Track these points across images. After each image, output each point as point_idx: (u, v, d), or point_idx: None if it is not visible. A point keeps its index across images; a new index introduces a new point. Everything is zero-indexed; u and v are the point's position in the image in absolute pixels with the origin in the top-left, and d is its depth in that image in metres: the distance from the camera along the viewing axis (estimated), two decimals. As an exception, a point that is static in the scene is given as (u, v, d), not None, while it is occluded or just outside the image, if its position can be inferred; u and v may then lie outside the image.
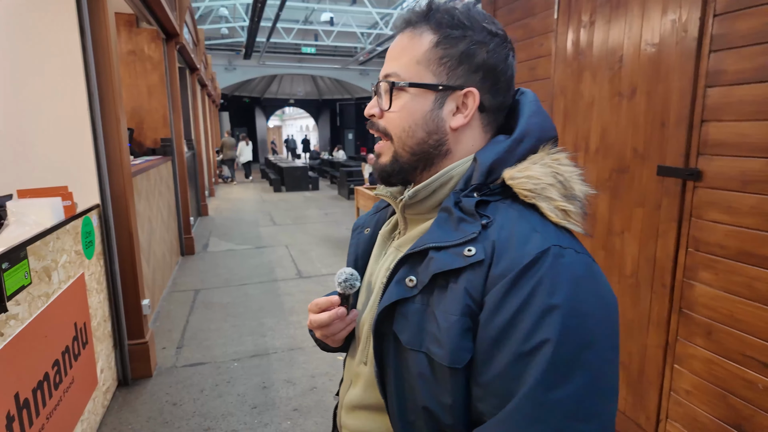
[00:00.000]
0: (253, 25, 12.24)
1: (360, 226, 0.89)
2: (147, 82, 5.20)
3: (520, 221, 0.60)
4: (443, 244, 0.60)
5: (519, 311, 0.54)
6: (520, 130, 0.65)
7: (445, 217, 0.63)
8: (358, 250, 0.85)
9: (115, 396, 2.52)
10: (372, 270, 0.79)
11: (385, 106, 0.68)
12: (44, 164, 2.37)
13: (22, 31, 2.28)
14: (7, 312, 1.44)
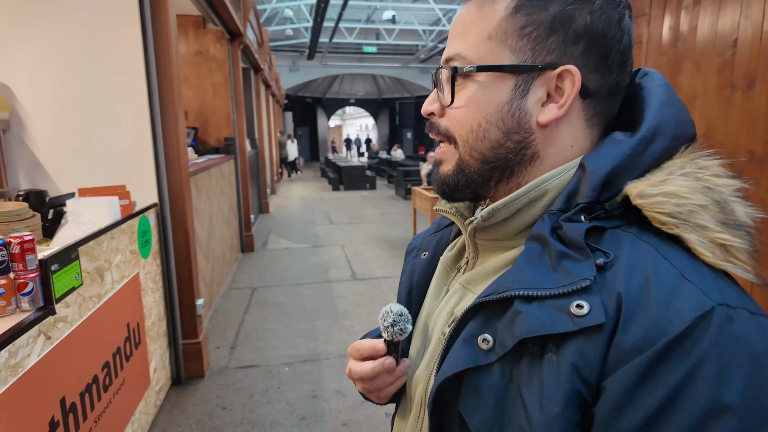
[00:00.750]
0: (316, 26, 12.38)
1: (416, 247, 0.71)
2: (212, 82, 5.33)
3: (658, 262, 0.40)
4: (537, 292, 0.42)
5: (666, 410, 0.35)
6: (649, 125, 0.46)
7: (537, 249, 0.45)
8: (412, 278, 0.67)
9: (168, 395, 2.53)
10: (430, 308, 0.61)
11: (446, 100, 0.51)
12: (106, 163, 2.40)
13: (87, 33, 2.32)
14: (56, 314, 1.41)
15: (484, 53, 0.49)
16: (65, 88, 2.34)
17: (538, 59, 0.47)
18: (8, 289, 1.31)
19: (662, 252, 0.41)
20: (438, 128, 0.53)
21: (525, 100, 0.48)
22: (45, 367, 1.33)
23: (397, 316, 0.55)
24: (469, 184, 0.52)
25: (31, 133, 2.38)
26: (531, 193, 0.49)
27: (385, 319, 0.55)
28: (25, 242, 1.33)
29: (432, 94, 0.54)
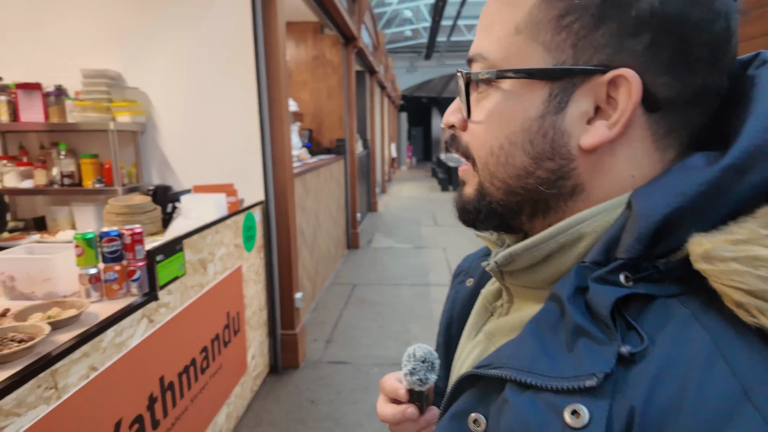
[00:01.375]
0: (434, 25, 12.38)
1: (463, 271, 0.61)
2: (327, 85, 5.59)
3: (711, 366, 0.27)
4: (533, 379, 0.31)
5: None
6: (746, 145, 0.30)
7: (553, 315, 0.34)
8: (454, 308, 0.58)
9: (265, 382, 2.69)
10: (461, 352, 0.52)
11: (465, 112, 0.42)
12: (220, 163, 2.63)
13: (209, 45, 2.55)
14: (158, 300, 1.56)
15: (509, 52, 0.38)
16: (189, 95, 2.61)
17: (581, 60, 0.35)
18: (121, 274, 1.47)
19: (724, 349, 0.27)
20: (459, 144, 0.44)
21: (562, 116, 0.36)
22: (146, 348, 1.47)
23: (418, 363, 0.48)
24: (493, 216, 0.42)
25: (162, 134, 2.69)
26: (561, 236, 0.37)
27: (406, 364, 0.49)
28: (135, 234, 1.49)
29: (456, 101, 0.44)
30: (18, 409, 0.97)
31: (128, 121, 2.55)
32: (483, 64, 0.40)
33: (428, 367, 0.48)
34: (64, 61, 2.63)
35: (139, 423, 1.42)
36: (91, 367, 1.21)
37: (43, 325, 1.15)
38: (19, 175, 2.60)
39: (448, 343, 0.58)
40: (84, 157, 2.57)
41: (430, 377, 0.48)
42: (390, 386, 0.52)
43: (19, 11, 2.68)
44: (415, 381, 0.48)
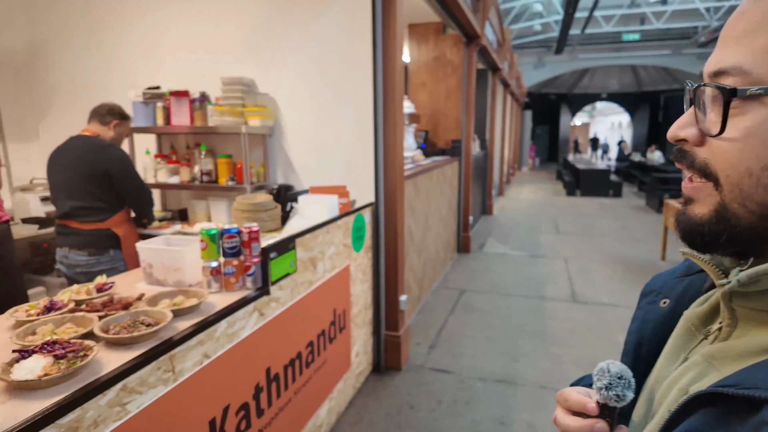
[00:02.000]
0: (567, 18, 11.55)
1: (654, 291, 0.60)
2: (446, 86, 5.52)
3: None
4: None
5: None
6: None
7: None
8: (644, 330, 0.57)
9: (367, 380, 2.73)
10: (661, 374, 0.52)
11: (712, 128, 0.41)
12: (335, 165, 2.72)
13: (331, 53, 2.65)
14: (270, 295, 1.66)
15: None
16: (311, 100, 2.75)
17: None
18: (238, 269, 1.58)
19: None
20: (693, 160, 0.43)
21: None
22: (255, 339, 1.57)
23: (615, 378, 0.48)
24: (735, 240, 0.41)
25: (287, 137, 2.88)
26: None
27: (600, 378, 0.49)
28: (252, 232, 1.59)
29: (686, 114, 0.45)
30: (140, 387, 1.09)
31: (258, 124, 2.77)
32: (743, 78, 0.38)
33: (625, 384, 0.48)
34: (208, 70, 2.95)
35: (245, 410, 1.51)
36: (204, 354, 1.32)
37: (168, 312, 1.28)
38: (169, 172, 2.98)
39: (637, 364, 0.57)
40: (220, 157, 2.86)
41: (627, 395, 0.47)
42: (576, 399, 0.50)
43: (175, 26, 3.07)
44: (611, 396, 0.48)
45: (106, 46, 3.28)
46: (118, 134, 2.42)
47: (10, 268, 2.29)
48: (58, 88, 3.53)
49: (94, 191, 2.22)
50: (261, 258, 1.62)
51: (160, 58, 3.14)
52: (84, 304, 1.36)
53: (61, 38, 3.43)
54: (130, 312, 1.29)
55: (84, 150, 2.23)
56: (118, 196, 2.30)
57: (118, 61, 3.26)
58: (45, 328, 1.20)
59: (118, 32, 3.22)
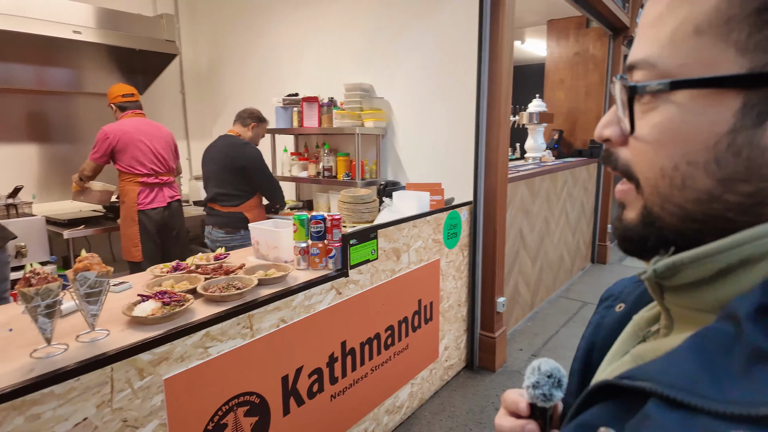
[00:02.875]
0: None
1: (612, 296, 0.57)
2: (586, 83, 5.15)
3: None
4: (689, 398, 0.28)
5: None
6: None
7: (725, 335, 0.30)
8: (597, 335, 0.54)
9: (458, 375, 2.78)
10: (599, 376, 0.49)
11: (625, 126, 0.38)
12: (437, 163, 2.82)
13: (438, 55, 2.75)
14: (348, 277, 1.85)
15: (687, 58, 0.33)
16: (419, 101, 2.89)
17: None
18: (322, 251, 1.81)
19: None
20: (616, 161, 0.40)
21: (762, 131, 0.31)
22: (331, 314, 1.78)
23: (543, 377, 0.46)
24: (663, 244, 0.37)
25: (398, 137, 3.07)
26: (747, 247, 0.32)
27: (529, 377, 0.48)
28: (334, 220, 1.80)
29: (610, 112, 0.40)
30: (221, 336, 1.37)
31: (372, 126, 3.02)
32: (650, 72, 0.35)
33: (554, 383, 0.46)
34: (338, 78, 3.29)
35: (317, 374, 1.73)
36: (281, 319, 1.56)
37: (254, 280, 1.56)
38: (301, 167, 3.41)
39: (586, 370, 0.53)
40: (339, 155, 3.18)
41: (555, 394, 0.46)
42: (511, 398, 0.50)
43: (311, 43, 3.49)
44: (537, 395, 0.46)
45: (261, 61, 3.89)
46: (255, 135, 2.88)
47: (180, 235, 3.01)
48: (228, 97, 4.28)
49: (231, 181, 2.70)
50: (342, 243, 1.82)
51: (300, 69, 3.60)
52: (200, 268, 1.72)
53: (231, 56, 4.16)
54: (229, 277, 1.60)
55: (226, 147, 2.73)
56: (251, 186, 2.75)
57: (270, 73, 3.84)
58: (168, 282, 1.57)
59: (270, 49, 3.79)
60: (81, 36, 2.97)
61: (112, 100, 2.92)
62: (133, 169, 2.77)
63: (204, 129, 4.50)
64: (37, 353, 1.11)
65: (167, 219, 2.90)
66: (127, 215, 2.81)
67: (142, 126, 2.86)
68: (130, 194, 2.79)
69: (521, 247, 3.42)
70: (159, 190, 2.87)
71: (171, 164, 2.96)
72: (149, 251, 2.83)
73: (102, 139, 2.74)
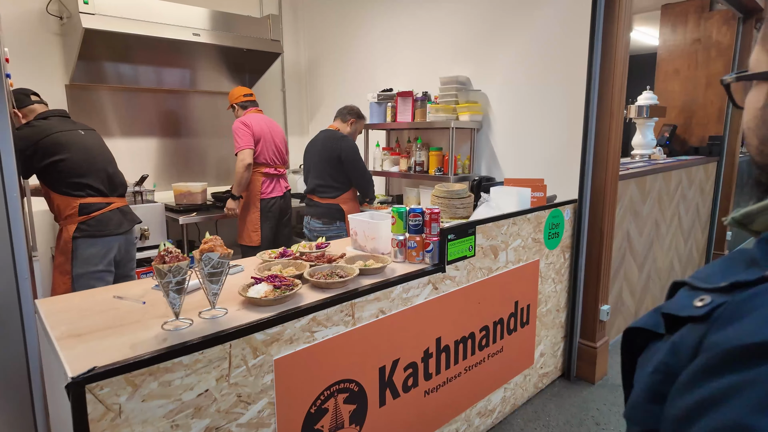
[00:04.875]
0: None
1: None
2: (707, 72, 4.63)
3: None
4: (700, 284, 0.43)
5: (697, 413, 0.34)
6: None
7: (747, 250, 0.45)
8: None
9: (553, 383, 2.63)
10: None
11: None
12: (539, 158, 2.67)
13: (544, 45, 2.60)
14: (444, 273, 1.81)
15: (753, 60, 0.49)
16: (520, 92, 2.76)
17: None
18: (419, 244, 1.79)
19: None
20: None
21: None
22: (428, 309, 1.75)
23: None
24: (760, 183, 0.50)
25: (494, 130, 2.96)
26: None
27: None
28: (433, 213, 1.77)
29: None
30: (326, 322, 1.40)
31: (467, 119, 2.94)
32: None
33: None
34: (433, 71, 3.26)
35: (413, 369, 1.72)
36: (380, 309, 1.57)
37: (356, 269, 1.58)
38: (392, 162, 3.43)
39: None
40: (432, 150, 3.15)
41: None
42: None
43: (406, 36, 3.48)
44: None
45: (357, 59, 3.97)
46: (353, 130, 2.95)
47: (289, 223, 3.32)
48: (325, 95, 4.43)
49: (330, 173, 2.78)
50: (439, 238, 1.79)
51: (394, 64, 3.62)
52: (304, 256, 1.78)
53: (329, 55, 4.30)
54: (332, 265, 1.64)
55: (326, 140, 2.82)
56: (347, 178, 2.81)
57: (365, 70, 3.90)
58: (276, 267, 1.64)
59: (366, 47, 3.85)
60: (200, 38, 3.23)
61: (234, 101, 3.21)
62: (260, 159, 3.05)
63: (302, 125, 4.70)
64: (168, 325, 1.21)
65: (283, 207, 3.20)
66: (250, 202, 3.10)
67: (264, 121, 3.13)
68: (255, 183, 3.09)
69: (628, 251, 3.15)
70: (277, 181, 3.16)
71: (286, 158, 3.26)
72: (267, 236, 3.11)
73: (242, 128, 2.99)
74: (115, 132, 3.58)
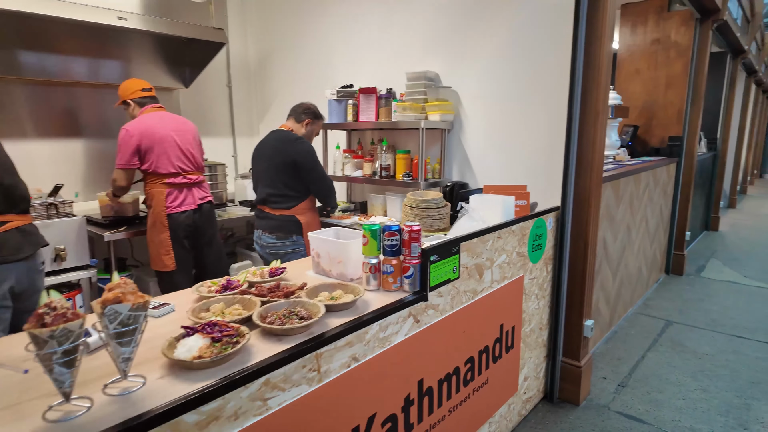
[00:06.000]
0: None
1: None
2: (667, 73, 4.61)
3: None
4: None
5: None
6: None
7: None
8: None
9: (536, 408, 2.40)
10: None
11: None
12: (518, 163, 2.44)
13: (522, 40, 2.37)
14: (427, 301, 1.52)
15: None
16: (496, 91, 2.52)
17: None
18: (396, 269, 1.49)
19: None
20: None
21: None
22: (408, 347, 1.45)
23: None
24: None
25: (466, 132, 2.71)
26: None
27: None
28: (413, 231, 1.47)
29: None
30: (284, 384, 1.06)
31: (437, 119, 2.67)
32: None
33: None
34: (399, 66, 2.96)
35: (392, 422, 1.41)
36: (352, 356, 1.25)
37: (321, 306, 1.25)
38: (354, 166, 3.11)
39: None
40: (399, 152, 2.86)
41: None
42: None
43: (369, 28, 3.17)
44: None
45: (314, 51, 3.61)
46: (309, 132, 2.59)
47: (214, 241, 2.72)
48: (277, 91, 4.04)
49: (284, 180, 2.42)
50: (420, 260, 1.49)
51: (357, 57, 3.29)
52: (254, 287, 1.43)
53: (281, 46, 3.91)
54: (290, 301, 1.30)
55: (278, 142, 2.46)
56: (304, 185, 2.46)
57: (323, 64, 3.55)
58: (217, 306, 1.28)
59: (323, 38, 3.50)
60: (126, 23, 2.77)
61: (129, 96, 2.61)
62: (160, 169, 2.48)
63: (251, 125, 4.28)
64: (52, 413, 0.84)
65: (199, 223, 2.61)
66: (156, 221, 2.52)
67: (166, 121, 2.56)
68: (158, 197, 2.51)
69: (604, 259, 2.99)
70: (188, 191, 2.58)
71: (200, 162, 2.67)
72: (182, 259, 2.56)
73: (125, 139, 2.44)
74: (30, 132, 3.05)
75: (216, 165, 3.51)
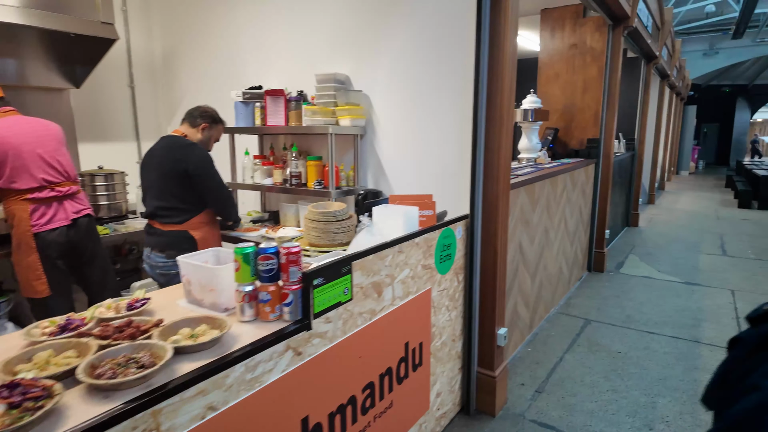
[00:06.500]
0: (753, -9, 9.41)
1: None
2: (584, 77, 4.76)
3: None
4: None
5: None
6: None
7: None
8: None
9: (452, 423, 2.33)
10: None
11: None
12: (427, 170, 2.36)
13: (428, 43, 2.29)
14: (311, 330, 1.37)
15: None
16: (404, 96, 2.42)
17: None
18: (274, 296, 1.33)
19: None
20: None
21: None
22: (287, 384, 1.30)
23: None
24: None
25: (379, 138, 2.59)
26: None
27: None
28: (291, 254, 1.32)
29: None
30: (103, 453, 0.88)
31: (348, 124, 2.54)
32: None
33: None
34: (310, 68, 2.80)
35: (267, 469, 1.26)
36: (208, 406, 1.08)
37: (169, 350, 1.07)
38: (264, 173, 2.91)
39: None
40: (310, 159, 2.69)
41: None
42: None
43: (280, 27, 2.99)
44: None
45: (223, 51, 3.37)
46: (206, 138, 2.37)
47: (97, 259, 2.40)
48: (185, 92, 3.74)
49: (175, 191, 2.19)
50: (302, 285, 1.35)
51: (268, 59, 3.10)
52: (101, 326, 1.22)
53: (189, 45, 3.62)
54: (134, 344, 1.11)
55: (168, 149, 2.23)
56: (198, 197, 2.24)
57: (233, 64, 3.32)
58: (42, 355, 1.07)
59: (233, 37, 3.27)
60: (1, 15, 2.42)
61: None
62: (19, 185, 2.11)
63: (158, 128, 3.95)
64: None
65: (75, 240, 2.25)
66: (21, 242, 2.15)
67: (20, 126, 2.17)
68: (20, 215, 2.13)
69: (521, 263, 2.99)
70: (59, 205, 2.21)
71: (70, 170, 2.29)
72: (57, 282, 2.22)
73: None
74: None
75: (113, 173, 3.19)
